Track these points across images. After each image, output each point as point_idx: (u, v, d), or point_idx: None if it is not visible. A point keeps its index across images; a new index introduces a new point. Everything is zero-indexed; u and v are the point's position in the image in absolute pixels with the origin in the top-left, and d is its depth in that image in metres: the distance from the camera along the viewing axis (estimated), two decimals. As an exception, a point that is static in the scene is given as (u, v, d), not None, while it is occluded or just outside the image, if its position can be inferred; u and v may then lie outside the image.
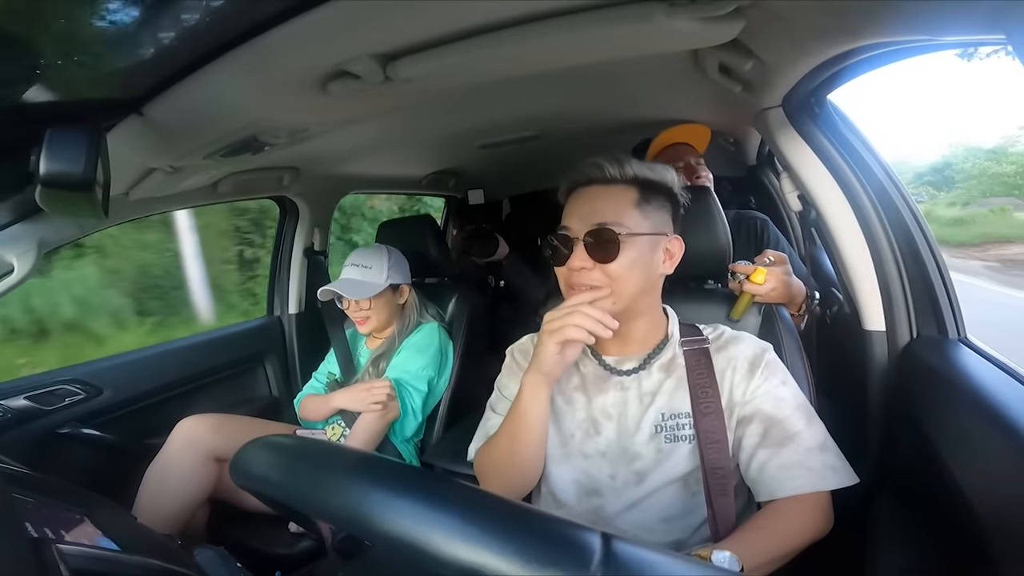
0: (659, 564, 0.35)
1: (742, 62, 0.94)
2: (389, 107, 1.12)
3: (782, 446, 0.86)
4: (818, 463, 0.86)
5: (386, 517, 0.39)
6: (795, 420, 0.88)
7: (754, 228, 1.64)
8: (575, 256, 0.89)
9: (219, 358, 1.94)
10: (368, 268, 1.66)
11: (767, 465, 0.86)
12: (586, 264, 0.88)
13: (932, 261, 1.06)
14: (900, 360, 1.08)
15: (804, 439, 0.87)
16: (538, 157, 2.11)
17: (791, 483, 0.84)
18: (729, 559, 0.72)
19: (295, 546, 1.42)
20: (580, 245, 0.89)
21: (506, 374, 1.09)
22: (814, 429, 0.88)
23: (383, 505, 0.40)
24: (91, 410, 1.53)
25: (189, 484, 1.40)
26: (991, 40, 0.60)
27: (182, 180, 1.37)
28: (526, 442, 0.93)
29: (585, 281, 0.89)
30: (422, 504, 0.39)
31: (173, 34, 0.71)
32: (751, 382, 0.91)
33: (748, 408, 0.90)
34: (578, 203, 0.93)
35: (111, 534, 0.67)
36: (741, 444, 0.90)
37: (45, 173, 0.73)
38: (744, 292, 1.13)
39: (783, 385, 0.91)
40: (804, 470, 0.85)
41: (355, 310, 1.67)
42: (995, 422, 0.74)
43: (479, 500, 0.41)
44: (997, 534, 0.69)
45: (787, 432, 0.87)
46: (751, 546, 0.79)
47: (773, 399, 0.90)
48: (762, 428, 0.88)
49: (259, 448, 0.52)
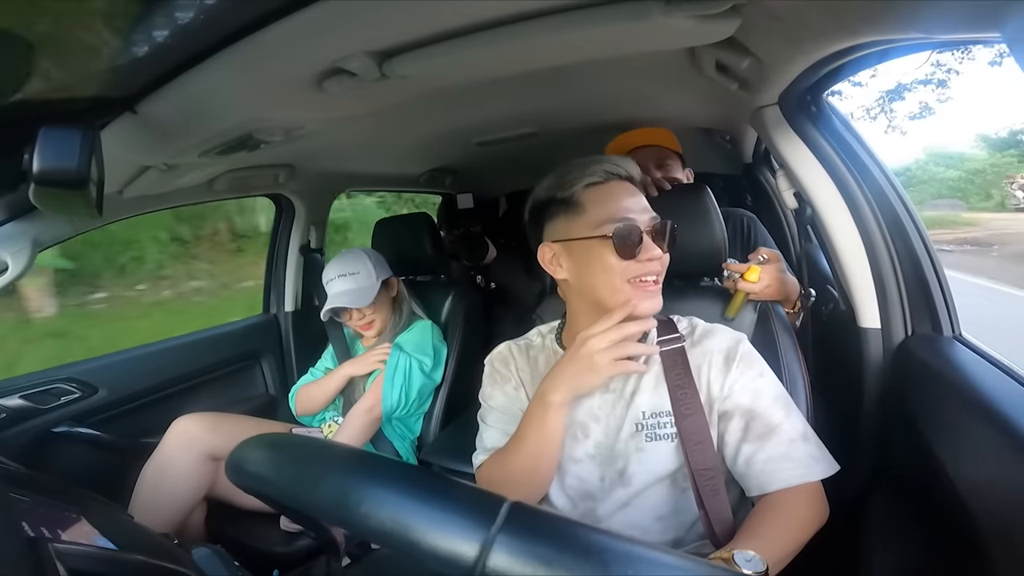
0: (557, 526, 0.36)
1: (738, 60, 0.94)
2: (385, 105, 1.11)
3: (766, 439, 0.86)
4: (802, 453, 0.85)
5: (380, 513, 0.39)
6: (775, 411, 0.88)
7: (741, 225, 1.64)
8: (648, 246, 0.88)
9: (215, 356, 1.94)
10: (356, 274, 1.64)
11: (753, 459, 0.86)
12: (657, 254, 0.89)
13: (927, 258, 1.06)
14: (895, 357, 1.08)
15: (786, 430, 0.86)
16: (535, 154, 2.11)
17: (780, 475, 0.84)
18: (753, 558, 0.72)
19: (293, 544, 1.42)
20: (648, 236, 0.89)
21: (488, 384, 1.07)
22: (793, 419, 0.88)
23: (378, 501, 0.40)
24: (87, 409, 1.53)
25: (185, 483, 1.40)
26: (986, 38, 0.60)
27: (177, 178, 1.36)
28: (552, 457, 0.91)
29: (659, 270, 0.90)
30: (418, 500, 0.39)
31: (167, 32, 0.70)
32: (728, 376, 0.90)
33: (728, 403, 0.89)
34: (631, 196, 0.92)
35: (108, 533, 0.67)
36: (724, 440, 0.90)
37: (39, 171, 0.72)
38: (739, 290, 1.14)
39: (760, 377, 0.91)
40: (790, 462, 0.85)
41: (358, 319, 1.66)
42: (989, 419, 0.74)
43: (486, 500, 0.41)
44: (991, 530, 0.70)
45: (768, 424, 0.87)
46: (770, 541, 0.78)
47: (751, 392, 0.89)
48: (743, 422, 0.88)
49: (255, 446, 0.52)
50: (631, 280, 0.89)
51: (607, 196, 0.91)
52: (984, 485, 0.75)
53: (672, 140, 1.69)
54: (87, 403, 1.53)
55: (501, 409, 1.02)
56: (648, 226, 0.89)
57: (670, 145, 1.67)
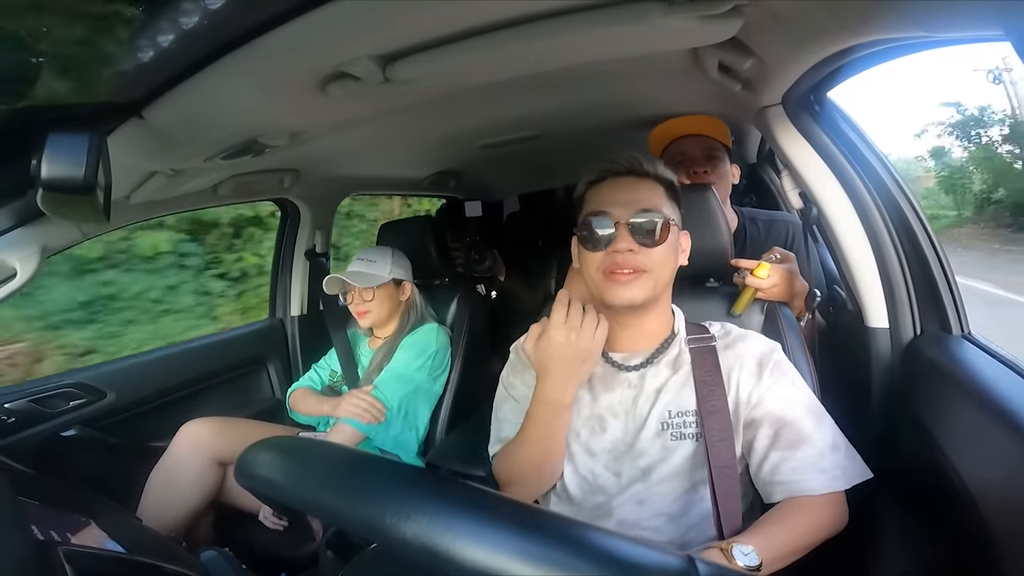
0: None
1: (741, 60, 0.94)
2: (389, 108, 1.12)
3: (795, 448, 0.86)
4: (830, 463, 0.85)
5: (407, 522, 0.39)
6: (806, 421, 0.88)
7: (785, 234, 1.53)
8: (621, 239, 0.90)
9: (222, 361, 1.95)
10: (372, 262, 1.71)
11: (780, 468, 0.86)
12: (633, 247, 0.90)
13: (934, 257, 1.06)
14: (904, 357, 1.07)
15: (816, 441, 0.86)
16: (539, 157, 2.11)
17: (806, 484, 0.84)
18: (750, 552, 0.72)
19: (301, 548, 1.42)
20: (624, 229, 0.90)
21: (510, 372, 1.09)
22: (824, 429, 0.88)
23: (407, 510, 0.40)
24: (95, 413, 1.53)
25: (193, 487, 1.41)
26: (989, 36, 0.60)
27: (183, 183, 1.37)
28: (560, 453, 0.95)
29: (631, 264, 0.90)
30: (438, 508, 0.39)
31: (172, 37, 0.71)
32: (760, 383, 0.90)
33: (758, 411, 0.89)
34: (615, 191, 0.94)
35: (117, 537, 0.67)
36: (752, 447, 0.90)
37: (46, 177, 0.73)
38: (747, 286, 1.13)
39: (793, 386, 0.91)
40: (817, 472, 0.84)
41: (358, 302, 1.68)
42: (999, 418, 0.73)
43: (489, 501, 0.41)
44: (1001, 531, 0.69)
45: (799, 434, 0.87)
46: (770, 539, 0.78)
47: (783, 401, 0.89)
48: (773, 431, 0.88)
49: (264, 450, 0.53)
50: (605, 271, 0.91)
51: (597, 191, 0.96)
52: (994, 485, 0.74)
53: (722, 130, 1.56)
54: (96, 407, 1.53)
55: (520, 399, 1.03)
56: (626, 218, 0.90)
57: (719, 136, 1.55)
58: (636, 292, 0.91)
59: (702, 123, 1.55)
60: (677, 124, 1.57)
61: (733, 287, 1.19)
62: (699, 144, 1.54)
